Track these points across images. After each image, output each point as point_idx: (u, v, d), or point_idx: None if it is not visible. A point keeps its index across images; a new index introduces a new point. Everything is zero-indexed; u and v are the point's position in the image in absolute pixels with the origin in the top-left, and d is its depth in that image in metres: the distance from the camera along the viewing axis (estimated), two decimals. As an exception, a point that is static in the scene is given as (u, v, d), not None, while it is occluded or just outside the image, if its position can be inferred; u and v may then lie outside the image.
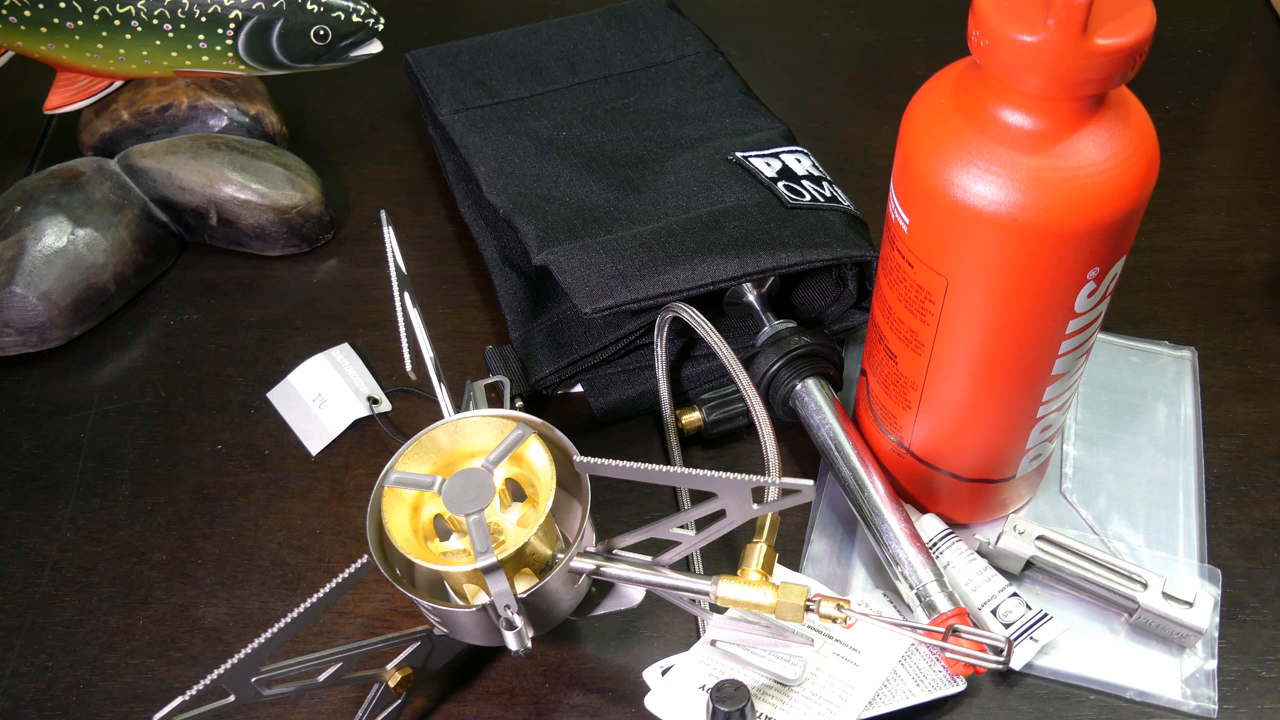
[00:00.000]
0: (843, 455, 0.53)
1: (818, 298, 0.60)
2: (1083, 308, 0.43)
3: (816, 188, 0.60)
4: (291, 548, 0.55)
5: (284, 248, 0.68)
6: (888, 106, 0.76)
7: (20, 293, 0.61)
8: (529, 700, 0.50)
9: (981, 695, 0.49)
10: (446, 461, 0.46)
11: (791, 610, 0.43)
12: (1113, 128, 0.39)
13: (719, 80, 0.69)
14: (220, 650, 0.52)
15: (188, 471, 0.58)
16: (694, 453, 0.58)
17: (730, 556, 0.54)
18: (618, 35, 0.73)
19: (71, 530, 0.56)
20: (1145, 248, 0.67)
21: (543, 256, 0.57)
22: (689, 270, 0.55)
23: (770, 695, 0.47)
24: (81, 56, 0.67)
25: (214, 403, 0.61)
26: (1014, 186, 0.39)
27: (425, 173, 0.73)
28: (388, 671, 0.46)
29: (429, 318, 0.58)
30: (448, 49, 0.72)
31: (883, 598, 0.52)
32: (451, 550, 0.45)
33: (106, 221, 0.64)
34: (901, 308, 0.46)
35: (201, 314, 0.66)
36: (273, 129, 0.71)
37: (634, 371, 0.59)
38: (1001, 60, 0.38)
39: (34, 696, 0.51)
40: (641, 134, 0.66)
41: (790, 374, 0.55)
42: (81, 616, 0.53)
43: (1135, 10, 0.37)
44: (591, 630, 0.52)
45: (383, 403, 0.61)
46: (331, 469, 0.58)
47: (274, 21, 0.65)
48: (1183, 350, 0.61)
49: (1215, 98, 0.76)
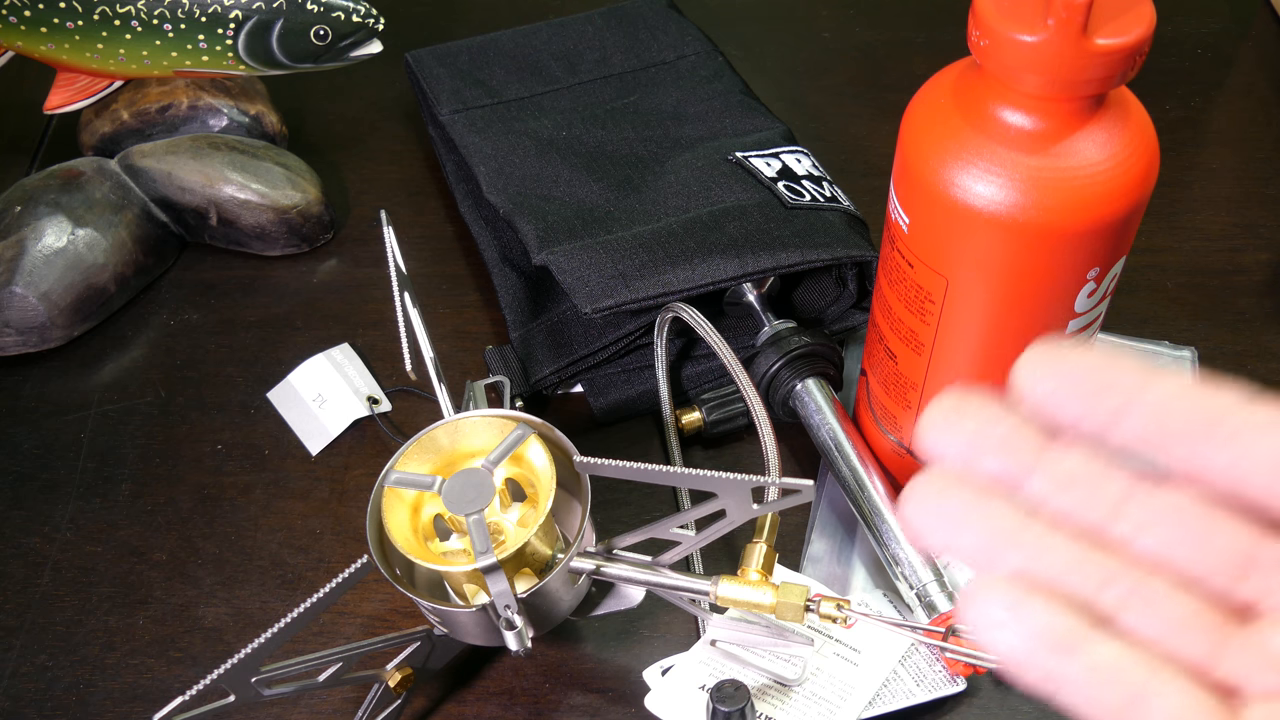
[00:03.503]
0: (843, 455, 0.53)
1: (818, 298, 0.60)
2: (1083, 308, 0.43)
3: (816, 188, 0.60)
4: (291, 548, 0.55)
5: (284, 248, 0.68)
6: (888, 106, 0.76)
7: (20, 293, 0.61)
8: (529, 700, 0.50)
9: (981, 695, 0.49)
10: (446, 461, 0.46)
11: (791, 610, 0.43)
12: (1113, 128, 0.39)
13: (719, 80, 0.69)
14: (220, 650, 0.52)
15: (188, 471, 0.58)
16: (694, 453, 0.58)
17: (730, 556, 0.54)
18: (618, 35, 0.73)
19: (71, 530, 0.56)
20: (1145, 248, 0.66)
21: (543, 256, 0.57)
22: (689, 270, 0.55)
23: (770, 695, 0.47)
24: (81, 56, 0.67)
25: (214, 403, 0.61)
26: (1014, 186, 0.39)
27: (425, 173, 0.73)
28: (388, 671, 0.46)
29: (429, 318, 0.58)
30: (448, 49, 0.72)
31: (883, 598, 0.52)
32: (451, 550, 0.45)
33: (106, 221, 0.64)
34: (901, 308, 0.46)
35: (201, 314, 0.66)
36: (273, 129, 0.71)
37: (634, 371, 0.59)
38: (1001, 60, 0.38)
39: (34, 696, 0.51)
40: (641, 134, 0.66)
41: (790, 374, 0.55)
42: (81, 616, 0.53)
43: (1135, 10, 0.37)
44: (591, 630, 0.52)
45: (383, 403, 0.61)
46: (331, 469, 0.58)
47: (274, 21, 0.65)
48: (1183, 350, 0.61)
49: (1215, 98, 0.76)
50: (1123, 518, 0.23)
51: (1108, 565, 0.23)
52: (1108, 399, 0.23)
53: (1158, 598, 0.23)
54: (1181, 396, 0.23)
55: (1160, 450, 0.23)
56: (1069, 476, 0.24)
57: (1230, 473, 0.22)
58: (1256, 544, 0.23)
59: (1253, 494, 0.22)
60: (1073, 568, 0.23)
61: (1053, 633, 0.22)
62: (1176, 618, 0.23)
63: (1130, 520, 0.23)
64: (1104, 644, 0.22)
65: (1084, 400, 0.23)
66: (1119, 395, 0.23)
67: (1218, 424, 0.22)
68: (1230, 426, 0.22)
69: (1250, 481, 0.22)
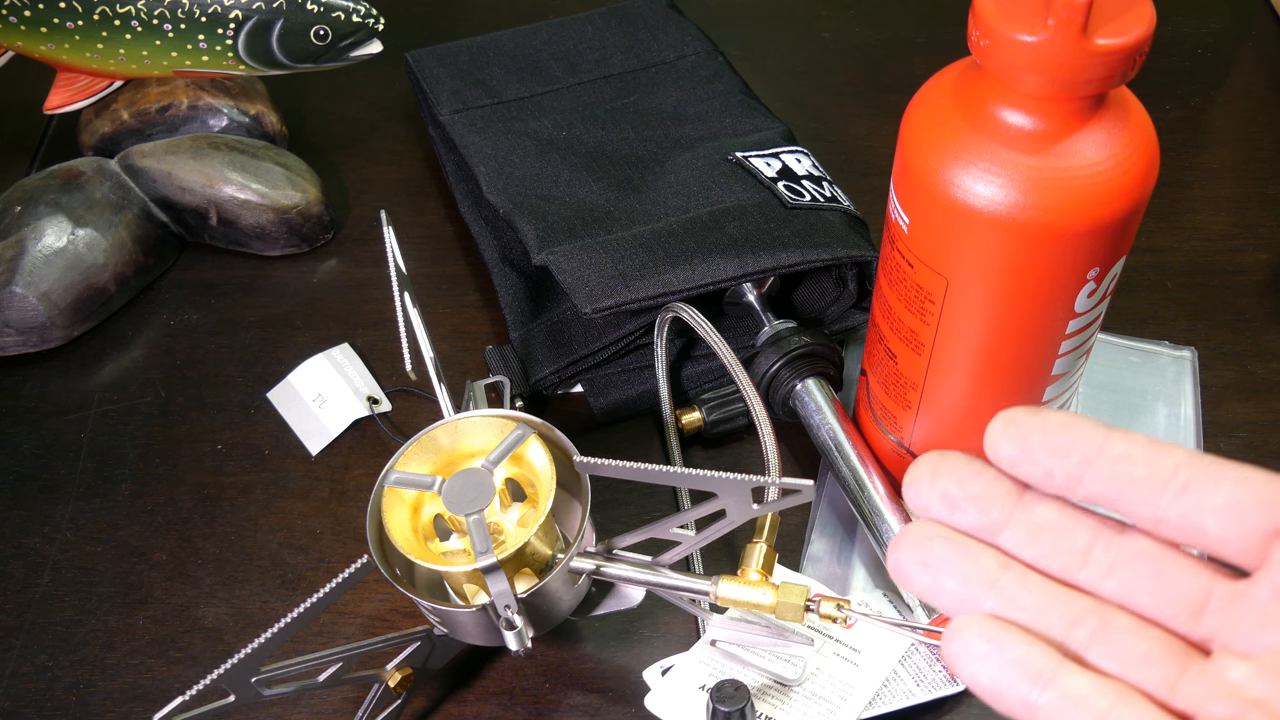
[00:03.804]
0: (843, 455, 0.53)
1: (818, 298, 0.60)
2: (1083, 308, 0.43)
3: (816, 188, 0.60)
4: (291, 548, 0.55)
5: (284, 248, 0.68)
6: (888, 106, 0.76)
7: (20, 293, 0.61)
8: (529, 700, 0.50)
9: (981, 695, 0.49)
10: (446, 461, 0.46)
11: (791, 610, 0.43)
12: (1113, 128, 0.39)
13: (719, 80, 0.69)
14: (220, 650, 0.52)
15: (188, 471, 0.58)
16: (694, 453, 0.58)
17: (730, 556, 0.54)
18: (618, 35, 0.73)
19: (71, 530, 0.56)
20: (1145, 248, 0.66)
21: (543, 256, 0.57)
22: (689, 270, 0.55)
23: (770, 695, 0.47)
24: (81, 56, 0.67)
25: (214, 403, 0.61)
26: (1014, 186, 0.39)
27: (425, 173, 0.73)
28: (388, 671, 0.46)
29: (429, 318, 0.58)
30: (448, 49, 0.72)
31: (883, 598, 0.52)
32: (451, 550, 0.45)
33: (106, 221, 0.64)
34: (901, 308, 0.46)
35: (201, 314, 0.66)
36: (273, 129, 0.71)
37: (634, 371, 0.59)
38: (1001, 60, 0.38)
39: (34, 696, 0.51)
40: (641, 134, 0.66)
41: (790, 374, 0.55)
42: (81, 616, 0.53)
43: (1135, 10, 0.37)
44: (591, 630, 0.52)
45: (383, 403, 0.61)
46: (331, 469, 0.58)
47: (274, 21, 0.65)
48: (1183, 350, 0.61)
49: (1215, 98, 0.76)
50: (1088, 564, 0.26)
51: (1076, 606, 0.26)
52: (1067, 460, 0.25)
53: (1121, 635, 0.25)
54: (1137, 454, 0.25)
55: (1119, 503, 0.25)
56: (1038, 528, 0.27)
57: (1184, 521, 0.25)
58: (1210, 585, 0.25)
59: (1205, 540, 0.24)
60: (1044, 609, 0.26)
61: (1029, 664, 0.25)
62: (1139, 653, 0.25)
63: (1095, 566, 0.26)
64: (1076, 675, 0.25)
65: (1045, 462, 0.26)
66: (1078, 456, 0.25)
67: (1170, 478, 0.25)
68: (1181, 479, 0.24)
69: (1203, 529, 0.24)
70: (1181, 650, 0.25)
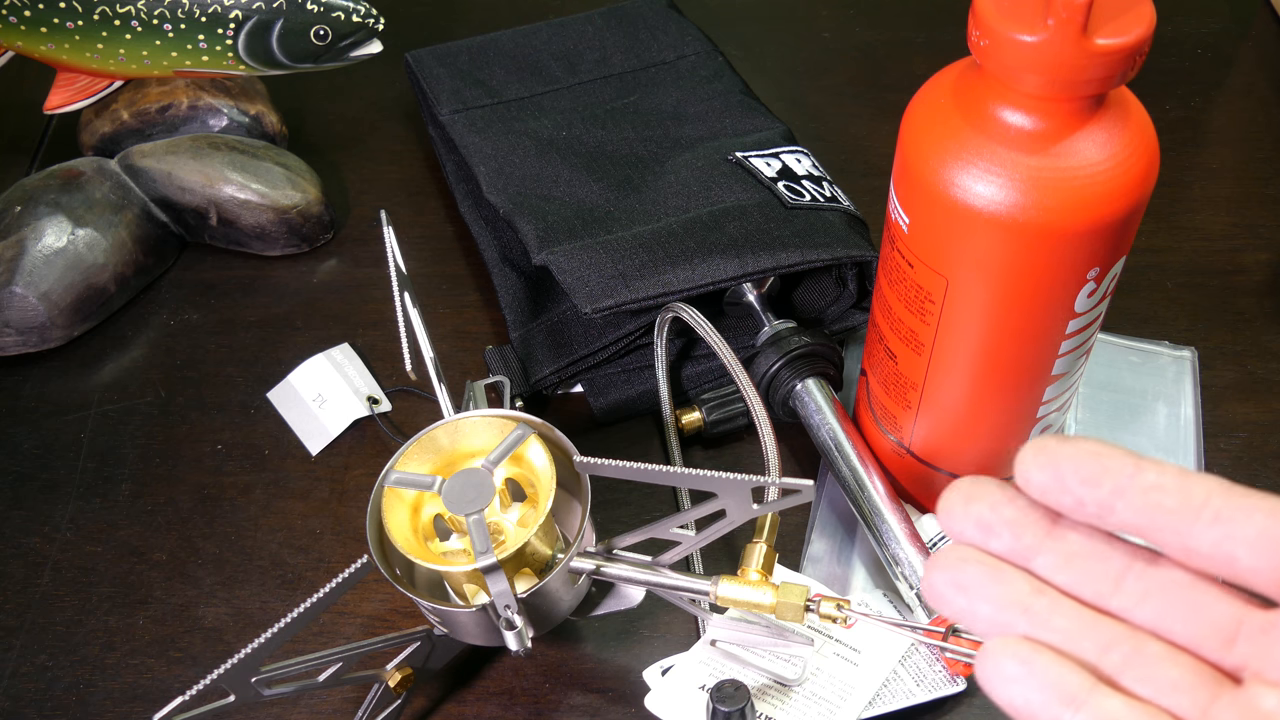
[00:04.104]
0: (843, 455, 0.53)
1: (818, 298, 0.60)
2: (1083, 308, 0.43)
3: (816, 188, 0.60)
4: (291, 548, 0.55)
5: (284, 248, 0.68)
6: (888, 106, 0.76)
7: (20, 293, 0.61)
8: (529, 700, 0.50)
9: (981, 695, 0.49)
10: (446, 461, 0.46)
11: (791, 610, 0.43)
12: (1113, 128, 0.39)
13: (719, 80, 0.69)
14: (220, 650, 0.52)
15: (188, 471, 0.58)
16: (694, 453, 0.58)
17: (730, 556, 0.54)
18: (618, 35, 0.73)
19: (71, 530, 0.56)
20: (1145, 248, 0.66)
21: (543, 256, 0.57)
22: (689, 270, 0.55)
23: (770, 695, 0.47)
24: (81, 56, 0.67)
25: (214, 403, 0.61)
26: (1014, 186, 0.39)
27: (425, 173, 0.73)
28: (388, 671, 0.46)
29: (429, 318, 0.58)
30: (448, 49, 0.72)
31: (883, 598, 0.52)
32: (451, 550, 0.45)
33: (106, 221, 0.64)
34: (901, 308, 0.46)
35: (201, 314, 0.66)
36: (273, 129, 0.71)
37: (634, 371, 0.59)
38: (1001, 60, 0.38)
39: (34, 696, 0.51)
40: (641, 134, 0.66)
41: (790, 374, 0.55)
42: (81, 616, 0.53)
43: (1135, 10, 0.37)
44: (591, 630, 0.52)
45: (383, 403, 0.61)
46: (331, 469, 0.58)
47: (274, 21, 0.65)
48: (1183, 350, 0.61)
49: (1215, 98, 0.76)
50: (1121, 591, 0.26)
51: (1109, 632, 0.26)
52: (1099, 489, 0.25)
53: (1154, 662, 0.25)
54: (1168, 483, 0.25)
55: (1151, 533, 0.25)
56: (1071, 554, 0.27)
57: (1216, 551, 0.25)
58: (1241, 615, 0.25)
59: (1237, 570, 0.24)
60: (1077, 634, 0.26)
61: (1063, 686, 0.25)
62: (1171, 680, 0.25)
63: (1128, 594, 0.26)
64: (1109, 698, 0.25)
65: (1077, 491, 0.26)
66: (1110, 485, 0.25)
67: (1202, 507, 0.25)
68: (1213, 510, 0.24)
69: (1235, 559, 0.24)
70: (1213, 678, 0.25)
